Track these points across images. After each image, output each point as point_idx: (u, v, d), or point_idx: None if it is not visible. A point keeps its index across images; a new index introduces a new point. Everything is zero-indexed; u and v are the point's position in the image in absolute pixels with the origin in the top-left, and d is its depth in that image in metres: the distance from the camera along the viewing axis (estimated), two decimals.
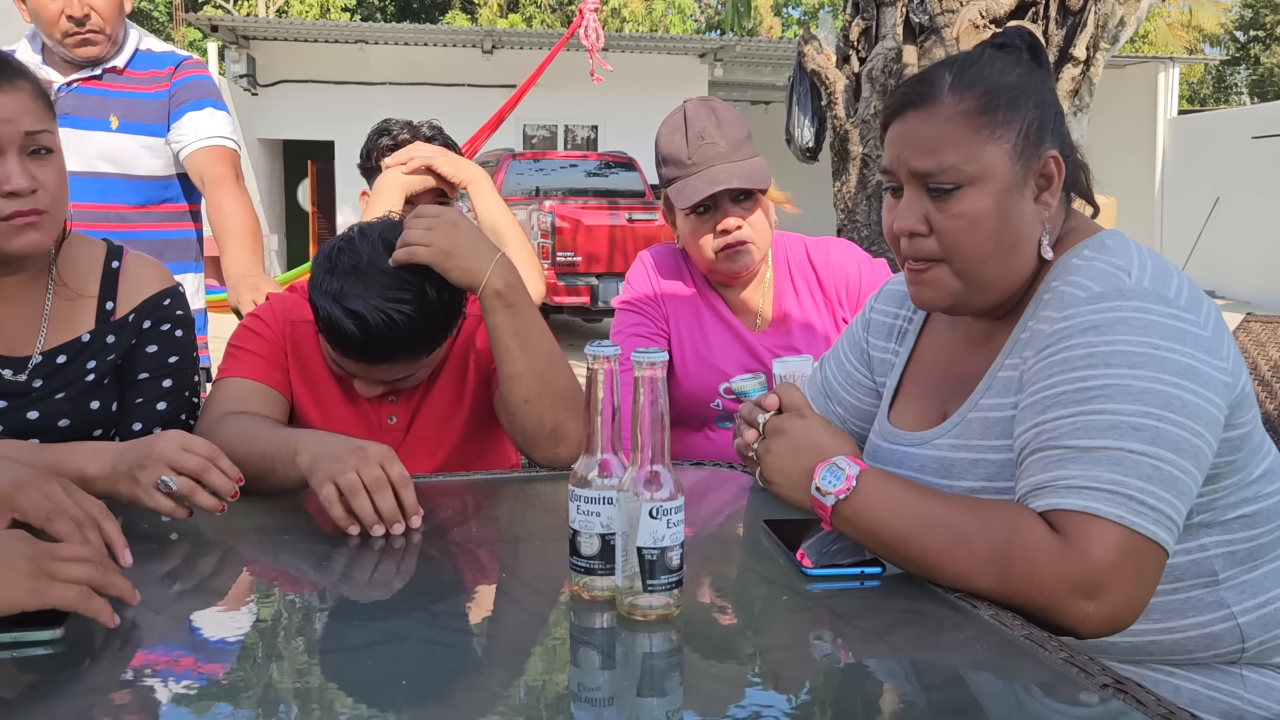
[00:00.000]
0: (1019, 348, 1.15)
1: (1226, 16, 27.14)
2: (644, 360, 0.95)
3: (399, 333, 1.43)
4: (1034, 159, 1.13)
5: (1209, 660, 1.13)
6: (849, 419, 1.45)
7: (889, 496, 1.07)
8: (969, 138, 1.12)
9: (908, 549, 1.05)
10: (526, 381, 1.49)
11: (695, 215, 1.91)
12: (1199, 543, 1.11)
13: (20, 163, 1.32)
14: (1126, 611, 0.99)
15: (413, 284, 1.44)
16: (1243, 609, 1.11)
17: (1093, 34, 4.02)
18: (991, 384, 1.17)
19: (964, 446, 1.18)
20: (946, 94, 1.14)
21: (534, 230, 8.88)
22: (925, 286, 1.18)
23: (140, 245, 1.87)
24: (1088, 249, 1.14)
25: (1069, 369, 1.05)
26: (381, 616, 1.03)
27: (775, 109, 17.13)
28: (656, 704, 0.83)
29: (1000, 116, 1.12)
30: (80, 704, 0.82)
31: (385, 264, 1.44)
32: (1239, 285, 13.69)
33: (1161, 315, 1.04)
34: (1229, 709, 1.12)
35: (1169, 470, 0.99)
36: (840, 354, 1.48)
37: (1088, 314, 1.06)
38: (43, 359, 1.45)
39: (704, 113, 1.90)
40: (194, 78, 2.48)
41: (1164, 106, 15.74)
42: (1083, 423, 1.02)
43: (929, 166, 1.13)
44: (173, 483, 1.20)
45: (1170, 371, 1.01)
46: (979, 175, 1.12)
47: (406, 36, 15.34)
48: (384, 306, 1.41)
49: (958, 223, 1.12)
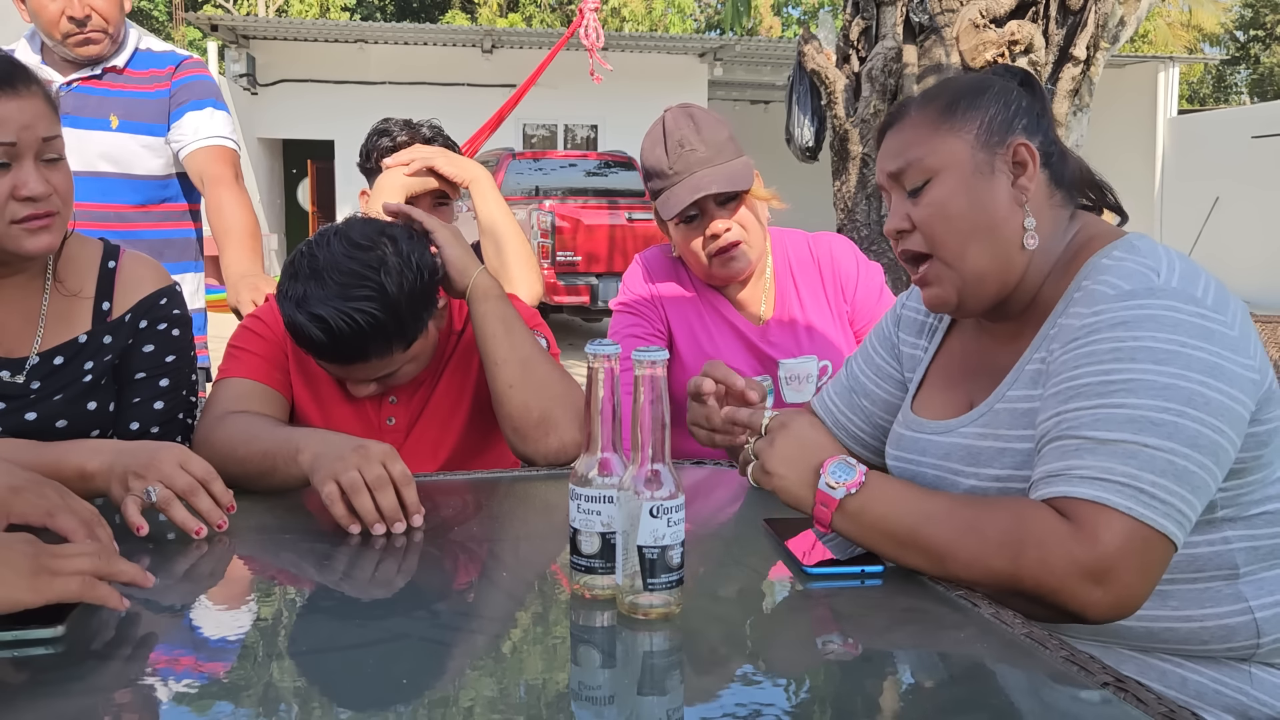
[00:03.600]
0: (1047, 342, 1.17)
1: (1226, 16, 27.14)
2: (645, 359, 0.95)
3: (363, 333, 1.43)
4: (1000, 146, 1.19)
5: (1221, 654, 1.14)
6: (876, 412, 1.45)
7: (895, 492, 1.10)
8: (929, 135, 1.20)
9: (916, 540, 1.06)
10: (511, 366, 1.54)
11: (684, 223, 1.92)
12: (1222, 535, 1.12)
13: (36, 168, 1.34)
14: (1130, 600, 1.00)
15: (373, 283, 1.43)
16: (1260, 604, 1.12)
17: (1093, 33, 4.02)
18: (1019, 376, 1.19)
19: (991, 435, 1.19)
20: (914, 108, 1.24)
21: (534, 230, 8.87)
22: (928, 286, 1.23)
23: (140, 245, 1.88)
24: (1117, 250, 1.16)
25: (1094, 361, 1.06)
26: (382, 615, 1.03)
27: (775, 108, 17.14)
28: (657, 703, 0.83)
29: (960, 114, 1.20)
30: (81, 702, 0.82)
31: (346, 265, 1.44)
32: (1239, 285, 13.68)
33: (1190, 314, 1.05)
34: (1234, 704, 1.13)
35: (1184, 465, 1.01)
36: (869, 349, 1.49)
37: (1118, 310, 1.08)
38: (40, 360, 1.45)
39: (682, 121, 1.90)
40: (194, 77, 2.48)
41: (1164, 106, 15.74)
42: (1103, 415, 1.03)
43: (897, 165, 1.22)
44: (154, 493, 1.20)
45: (1195, 369, 1.03)
46: (942, 165, 1.19)
47: (406, 36, 15.35)
48: (344, 309, 1.41)
49: (929, 211, 1.19)
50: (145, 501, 1.20)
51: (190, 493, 1.21)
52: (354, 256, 1.45)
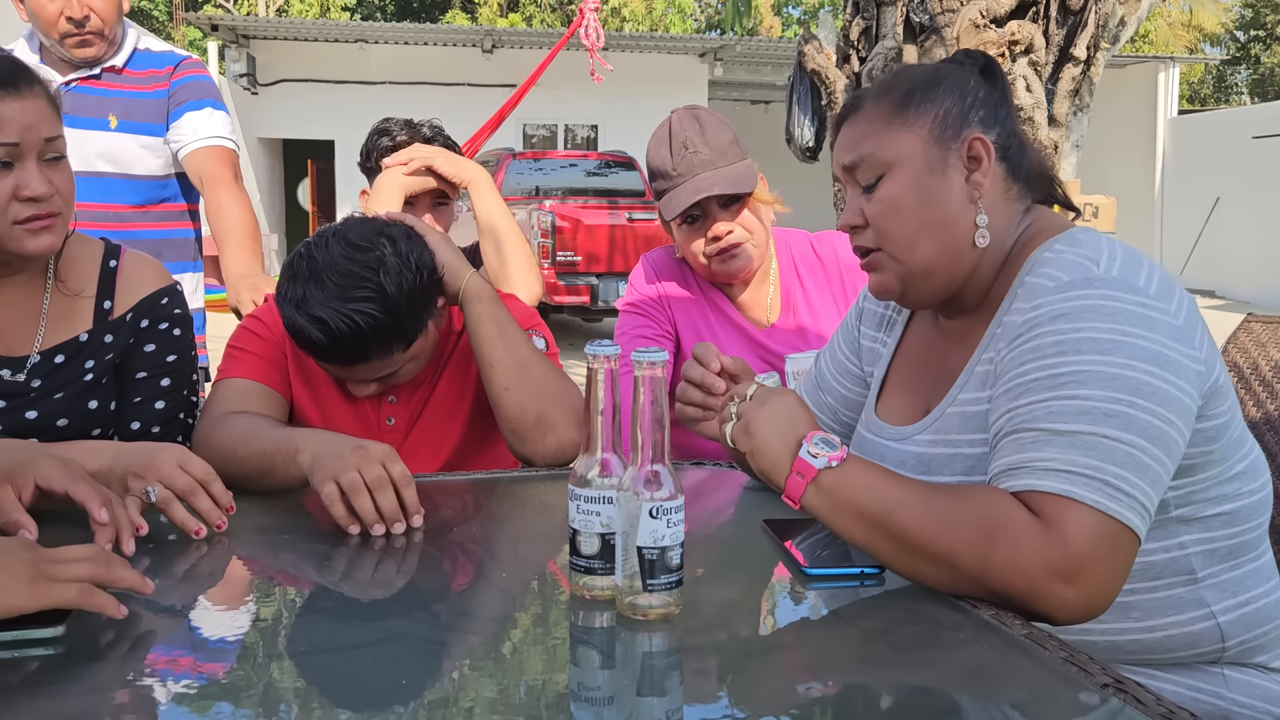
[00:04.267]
0: (994, 341, 1.16)
1: (1227, 16, 27.13)
2: (644, 360, 0.95)
3: (363, 334, 1.43)
4: (954, 141, 1.17)
5: (1190, 660, 1.12)
6: (839, 409, 1.45)
7: (874, 473, 1.06)
8: (882, 128, 1.19)
9: (887, 524, 1.02)
10: (506, 368, 1.54)
11: (686, 224, 1.93)
12: (1178, 540, 1.11)
13: (39, 168, 1.34)
14: (1101, 598, 0.98)
15: (372, 284, 1.43)
16: (1222, 608, 1.11)
17: (1093, 34, 4.02)
18: (970, 378, 1.18)
19: (942, 442, 1.18)
20: (868, 101, 1.22)
21: (534, 230, 8.87)
22: (873, 273, 1.23)
23: (139, 245, 1.87)
24: (1059, 243, 1.15)
25: (1040, 356, 1.05)
26: (382, 616, 1.03)
27: (775, 108, 17.14)
28: (656, 703, 0.83)
29: (914, 108, 1.19)
30: (81, 703, 0.82)
31: (345, 266, 1.44)
32: (1239, 285, 13.68)
33: (1129, 303, 1.04)
34: (1213, 710, 1.12)
35: (1141, 457, 0.99)
36: (835, 345, 1.49)
37: (1056, 302, 1.06)
38: (41, 359, 1.45)
39: (688, 122, 1.91)
40: (193, 77, 2.48)
41: (1164, 106, 15.74)
42: (1055, 407, 1.02)
43: (850, 159, 1.21)
44: (154, 493, 1.20)
45: (1140, 358, 1.01)
46: (894, 160, 1.18)
47: (406, 36, 15.35)
48: (344, 310, 1.41)
49: (880, 207, 1.19)
50: (145, 502, 1.20)
51: (190, 493, 1.21)
52: (353, 258, 1.44)
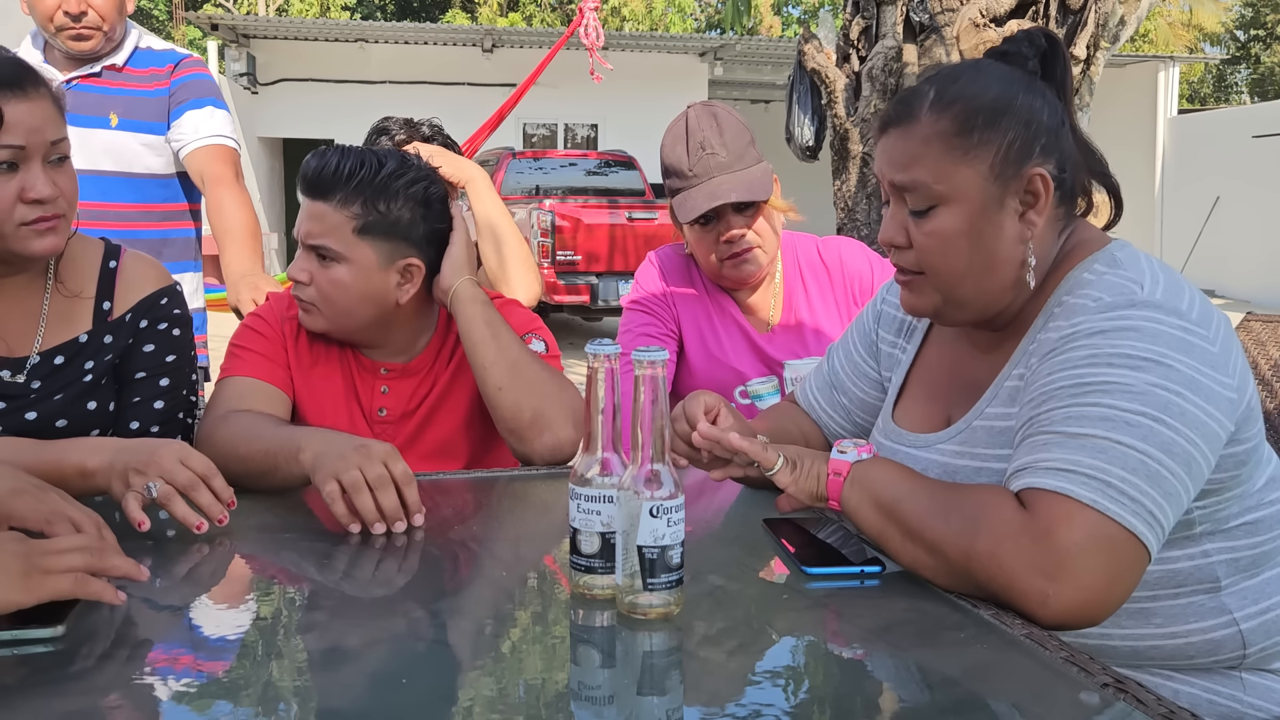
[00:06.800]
0: (1026, 358, 1.15)
1: (1227, 15, 27.11)
2: (644, 359, 0.95)
3: (360, 164, 1.54)
4: (1014, 178, 1.12)
5: (1210, 665, 1.12)
6: (854, 410, 1.45)
7: (892, 465, 1.13)
8: (940, 157, 1.12)
9: (897, 512, 1.06)
10: (499, 369, 1.55)
11: (699, 226, 1.92)
12: (1201, 549, 1.10)
13: (44, 170, 1.35)
14: (1092, 602, 0.95)
15: (400, 157, 1.60)
16: (1244, 615, 1.11)
17: (1093, 33, 4.01)
18: (998, 393, 1.17)
19: (968, 454, 1.18)
20: (925, 113, 1.14)
21: (534, 229, 8.86)
22: (910, 294, 1.21)
23: (139, 244, 1.87)
24: (1099, 263, 1.14)
25: (1070, 367, 1.05)
26: (382, 615, 1.03)
27: (775, 108, 17.12)
28: (656, 703, 0.83)
29: (975, 138, 1.12)
30: (80, 702, 0.82)
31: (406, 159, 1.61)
32: (1239, 285, 13.68)
33: (1172, 326, 1.03)
34: (1228, 712, 1.12)
35: (1157, 469, 0.98)
36: (849, 344, 1.47)
37: (1097, 320, 1.06)
38: (40, 360, 1.45)
39: (706, 121, 1.88)
40: (193, 76, 2.48)
41: (1164, 106, 15.73)
42: (1075, 412, 1.01)
43: (902, 181, 1.15)
44: (155, 489, 1.20)
45: (1174, 380, 1.00)
46: (950, 195, 1.12)
47: (406, 35, 15.34)
48: (363, 149, 1.58)
49: (930, 240, 1.14)
50: (146, 497, 1.20)
51: (191, 488, 1.21)
52: (392, 154, 1.61)
